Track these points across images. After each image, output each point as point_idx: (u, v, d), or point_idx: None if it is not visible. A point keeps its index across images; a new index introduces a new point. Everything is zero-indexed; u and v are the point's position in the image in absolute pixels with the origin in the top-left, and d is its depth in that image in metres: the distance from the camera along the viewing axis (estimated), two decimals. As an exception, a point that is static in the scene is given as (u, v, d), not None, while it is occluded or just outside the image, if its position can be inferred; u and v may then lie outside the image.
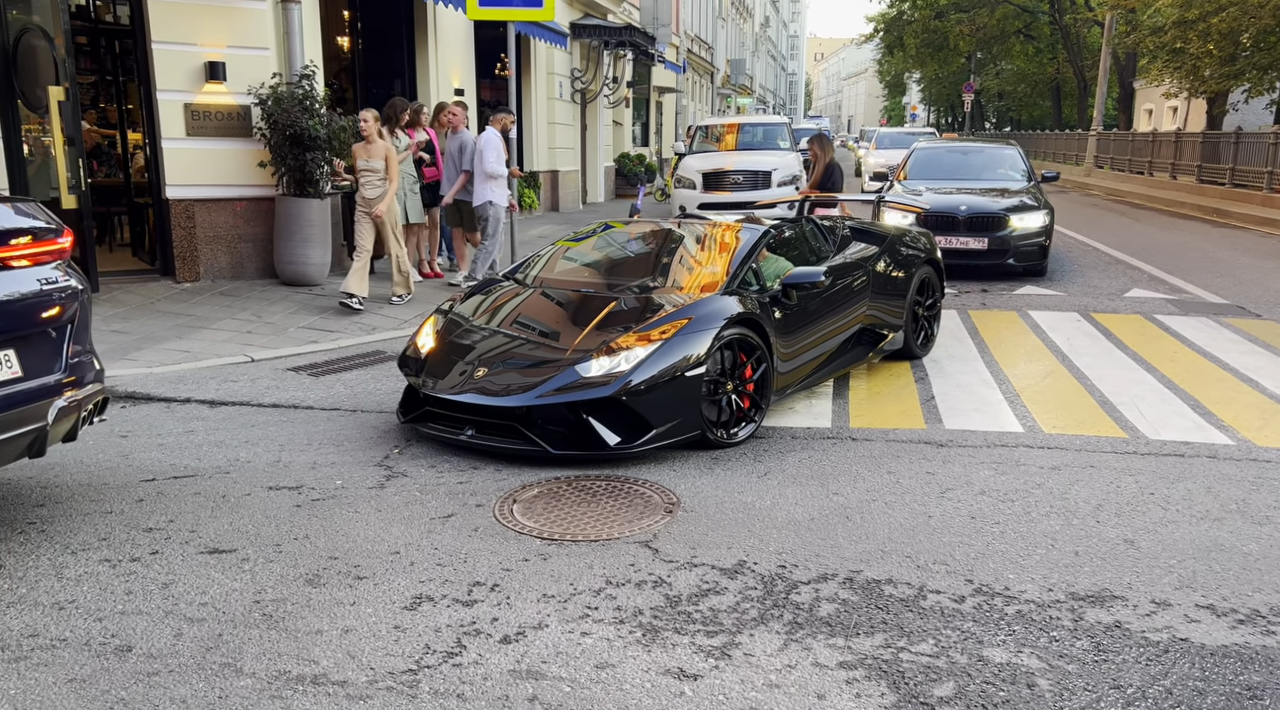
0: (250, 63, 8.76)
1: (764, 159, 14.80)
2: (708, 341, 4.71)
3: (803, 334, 5.44)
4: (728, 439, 4.87)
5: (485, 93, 15.39)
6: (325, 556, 3.65)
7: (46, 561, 3.56)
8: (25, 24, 7.83)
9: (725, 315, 4.84)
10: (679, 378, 4.62)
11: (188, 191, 8.72)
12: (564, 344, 4.85)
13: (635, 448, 4.56)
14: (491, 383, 4.71)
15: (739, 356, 4.93)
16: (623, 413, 4.56)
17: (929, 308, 6.82)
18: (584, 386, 4.55)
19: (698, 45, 35.01)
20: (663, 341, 4.66)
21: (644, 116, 27.11)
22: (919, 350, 6.69)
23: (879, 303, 6.19)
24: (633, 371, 4.55)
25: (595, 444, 4.56)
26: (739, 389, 4.95)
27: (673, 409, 4.63)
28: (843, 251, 6.35)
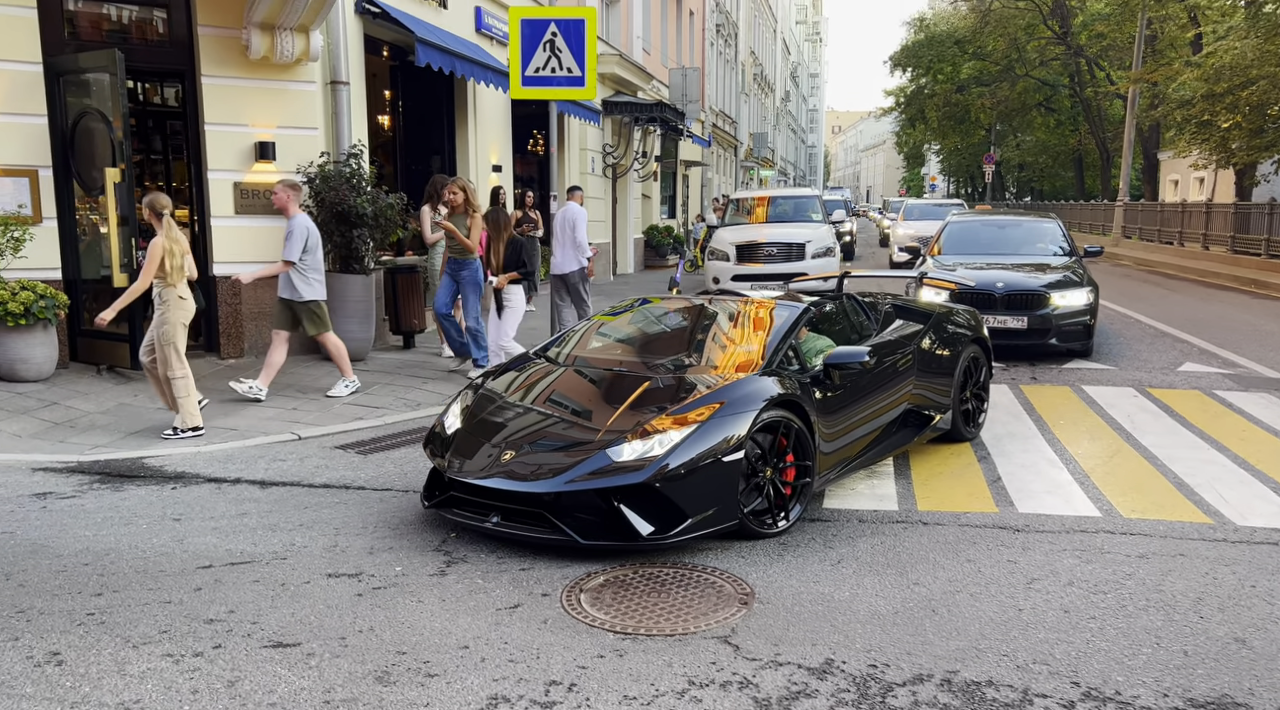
0: (299, 142, 8.90)
1: (798, 231, 14.85)
2: (746, 424, 4.48)
3: (846, 415, 5.21)
4: (768, 528, 4.63)
5: (518, 168, 15.61)
6: (393, 651, 3.51)
7: (108, 656, 3.44)
8: (84, 108, 8.01)
9: (764, 397, 4.63)
10: (716, 463, 4.37)
11: (235, 269, 8.76)
12: (596, 425, 4.63)
13: (670, 539, 4.28)
14: (519, 466, 4.48)
15: (779, 440, 4.69)
16: (656, 500, 4.30)
17: (978, 388, 6.58)
18: (616, 472, 4.29)
19: (722, 120, 35.60)
20: (699, 424, 4.43)
21: (671, 189, 27.44)
22: (968, 432, 6.42)
23: (925, 382, 5.97)
24: (667, 456, 4.30)
25: (627, 534, 4.28)
26: (779, 474, 4.71)
27: (709, 496, 4.38)
28: (885, 329, 6.14)
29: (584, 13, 9.54)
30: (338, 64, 9.25)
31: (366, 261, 8.97)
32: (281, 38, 8.44)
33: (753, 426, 4.51)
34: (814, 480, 4.88)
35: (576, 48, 9.42)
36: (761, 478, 4.63)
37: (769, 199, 17.40)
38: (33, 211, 7.94)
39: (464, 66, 10.78)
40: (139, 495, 5.40)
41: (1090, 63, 35.90)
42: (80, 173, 8.13)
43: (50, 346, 7.74)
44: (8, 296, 7.39)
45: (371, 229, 8.77)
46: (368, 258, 8.98)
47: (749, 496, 4.57)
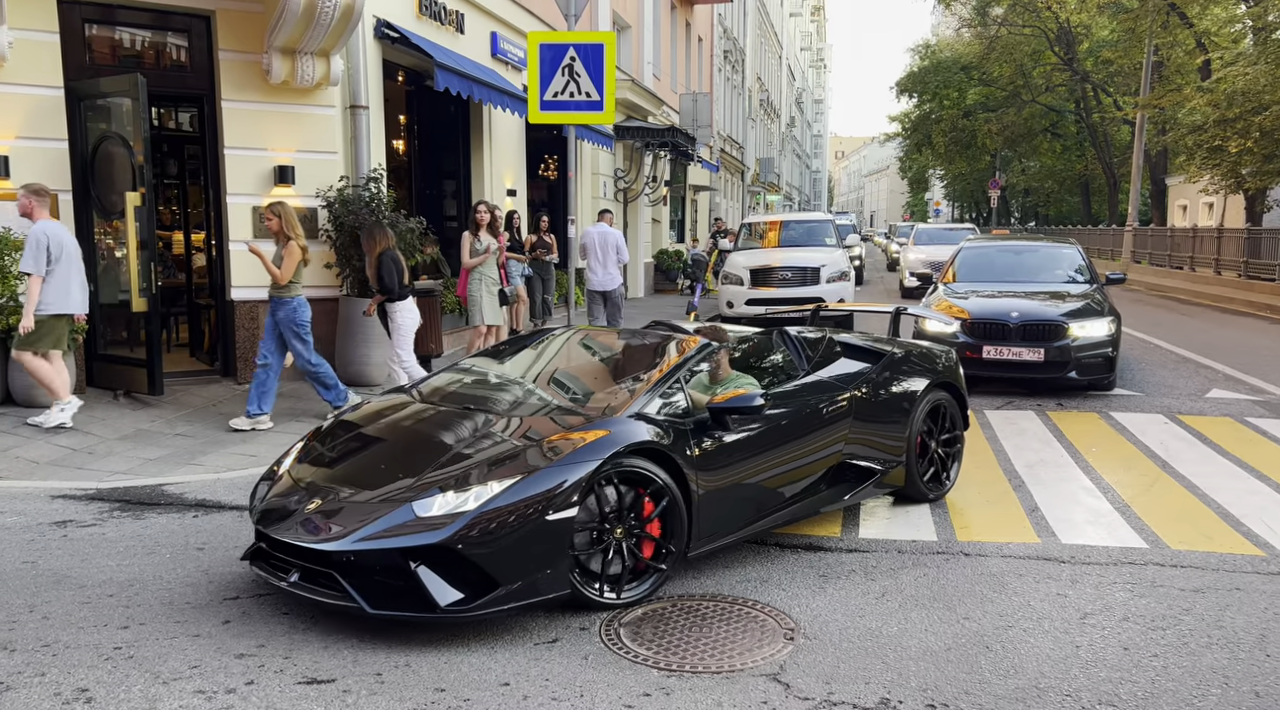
0: (318, 166, 8.87)
1: (813, 255, 14.79)
2: (582, 476, 3.83)
3: (744, 468, 4.51)
4: (616, 599, 3.99)
5: (530, 192, 15.60)
6: (431, 688, 3.39)
7: (139, 693, 3.32)
8: (104, 132, 7.98)
9: (617, 444, 3.97)
10: (537, 521, 3.73)
11: (252, 293, 8.72)
12: (417, 473, 4.00)
13: (473, 612, 3.67)
14: (319, 517, 3.89)
15: (638, 493, 4.08)
16: (460, 564, 3.69)
17: (945, 442, 5.71)
18: (415, 529, 3.67)
19: (730, 145, 35.71)
20: (523, 477, 3.81)
21: (680, 213, 27.46)
22: (926, 490, 5.54)
23: (866, 432, 5.18)
24: (478, 512, 3.68)
25: (423, 603, 3.66)
26: (636, 534, 4.07)
27: (529, 561, 3.73)
28: (820, 369, 5.35)
29: (603, 37, 9.55)
30: (357, 88, 9.24)
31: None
32: (302, 62, 8.43)
33: (594, 478, 3.89)
34: (688, 542, 4.22)
35: (595, 72, 9.42)
36: (609, 538, 4.00)
37: (782, 223, 17.37)
38: (52, 236, 7.87)
39: (481, 91, 10.77)
40: (160, 523, 5.29)
41: (1096, 88, 36.03)
42: (100, 197, 8.10)
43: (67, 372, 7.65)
44: (26, 321, 7.31)
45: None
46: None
47: (596, 559, 3.98)
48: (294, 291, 7.32)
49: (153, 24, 8.58)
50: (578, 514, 3.85)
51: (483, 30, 12.63)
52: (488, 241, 9.19)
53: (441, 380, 5.20)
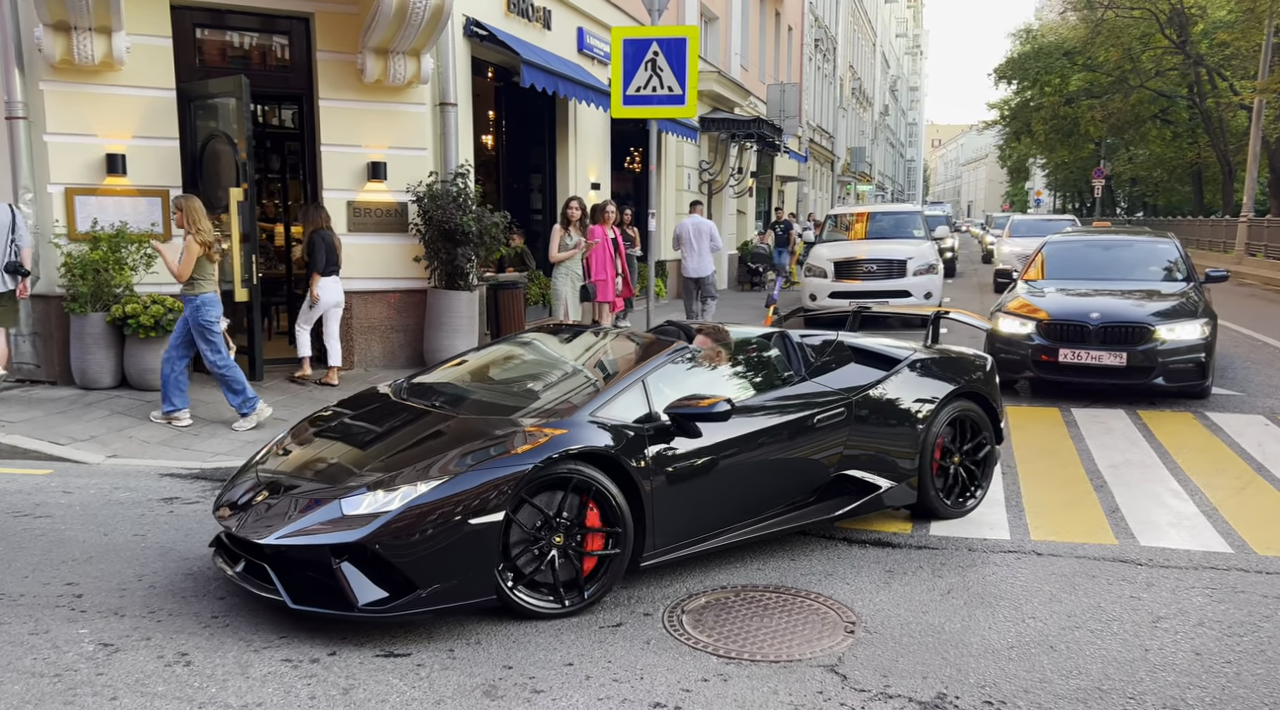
0: (409, 162, 9.19)
1: (899, 248, 14.56)
2: (509, 479, 3.74)
3: (710, 477, 4.33)
4: (544, 609, 3.89)
5: (615, 184, 15.77)
6: (500, 665, 3.56)
7: (232, 659, 3.58)
8: (212, 130, 8.44)
9: (553, 449, 3.85)
10: (460, 526, 3.66)
11: (347, 284, 9.08)
12: (359, 471, 4.00)
13: (390, 613, 3.64)
14: (264, 510, 3.96)
15: (584, 502, 3.97)
16: (379, 564, 3.67)
17: (970, 454, 5.31)
18: (339, 527, 3.68)
19: (819, 134, 35.28)
20: (449, 479, 3.74)
21: (766, 205, 27.30)
22: (942, 507, 5.17)
23: (868, 444, 4.89)
24: (398, 513, 3.64)
25: (342, 601, 3.67)
26: (577, 544, 3.98)
27: (449, 566, 3.67)
28: (819, 376, 5.06)
29: (686, 31, 9.60)
30: (447, 86, 9.52)
31: (470, 278, 9.18)
32: (394, 61, 8.73)
33: (526, 483, 3.79)
34: (628, 551, 4.04)
35: (678, 66, 9.48)
36: (548, 547, 3.90)
37: (869, 215, 17.14)
38: (163, 229, 8.39)
39: (566, 87, 10.95)
40: (257, 502, 5.61)
41: (1211, 72, 34.29)
42: (207, 192, 8.55)
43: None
44: (139, 310, 7.81)
45: (476, 246, 8.97)
46: (471, 275, 9.19)
47: (529, 565, 3.89)
48: (199, 289, 6.99)
49: (257, 26, 9.02)
50: (505, 518, 3.74)
51: (569, 26, 12.82)
52: (577, 237, 9.36)
53: (425, 377, 5.16)
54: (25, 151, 7.99)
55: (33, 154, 8.02)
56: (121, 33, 7.87)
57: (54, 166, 8.03)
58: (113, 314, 7.83)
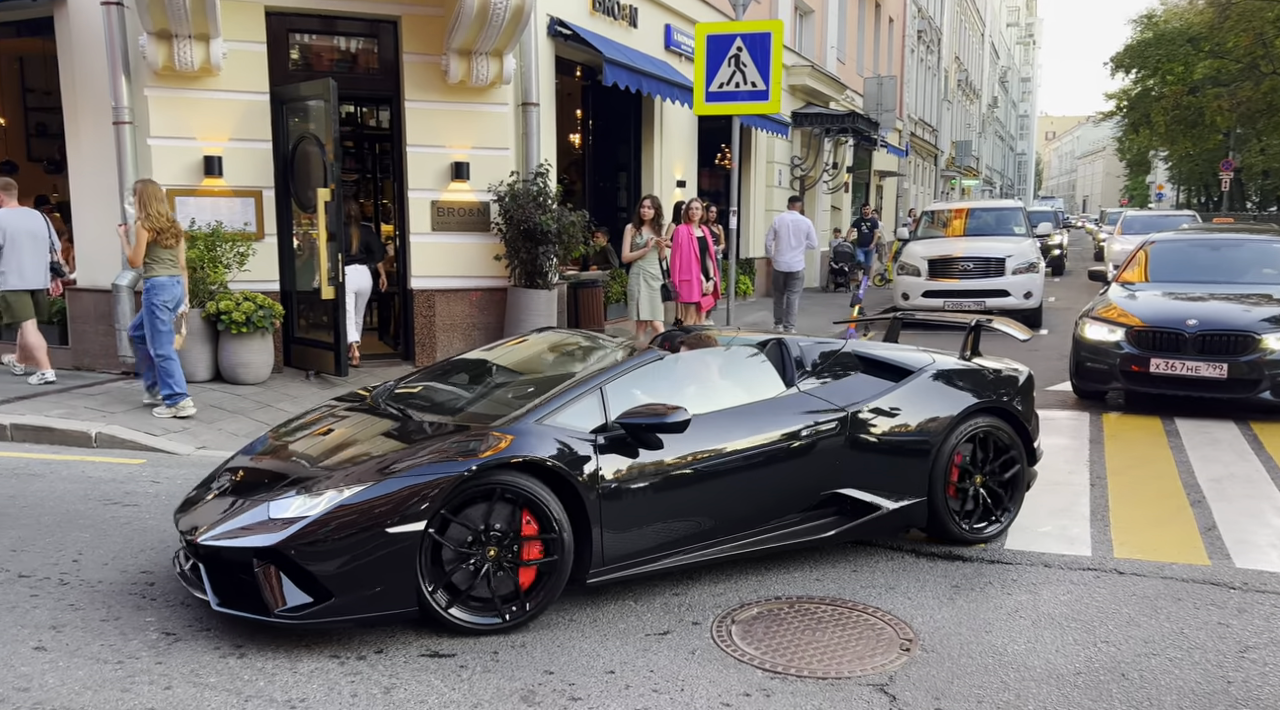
0: (491, 162, 9.30)
1: (997, 245, 14.02)
2: (432, 486, 3.62)
3: (670, 491, 4.09)
4: (472, 624, 3.75)
5: (704, 181, 15.66)
6: (541, 670, 3.53)
7: (284, 653, 3.65)
8: (303, 133, 8.70)
9: (483, 458, 3.73)
10: (376, 533, 3.56)
11: (430, 282, 9.28)
12: (301, 475, 3.96)
13: (306, 621, 3.58)
14: (213, 508, 3.93)
15: (518, 512, 3.79)
16: (297, 570, 3.59)
17: (995, 474, 4.86)
18: (262, 530, 3.63)
19: (921, 128, 34.34)
20: (371, 484, 3.66)
21: (863, 200, 26.72)
22: (958, 531, 4.75)
23: (866, 461, 4.55)
24: (317, 518, 3.57)
25: (259, 605, 3.62)
26: (511, 558, 3.79)
27: (366, 574, 3.57)
28: (811, 386, 4.69)
29: (771, 26, 9.46)
30: (529, 86, 9.59)
31: (550, 277, 9.24)
32: (477, 62, 8.84)
33: (450, 492, 3.65)
34: (565, 566, 3.85)
35: (761, 61, 9.35)
36: (481, 560, 3.75)
37: (967, 211, 16.56)
38: (256, 228, 8.71)
39: (650, 84, 10.91)
40: (329, 496, 5.74)
41: (1352, 56, 31.92)
42: (298, 193, 8.84)
43: (267, 353, 8.45)
44: (232, 306, 8.12)
45: (555, 245, 9.02)
46: (551, 273, 9.24)
47: (462, 577, 3.74)
48: (153, 272, 7.04)
49: (347, 30, 9.27)
50: (427, 527, 3.62)
51: (656, 23, 12.77)
52: (648, 236, 9.29)
53: (410, 380, 5.10)
54: (130, 154, 8.39)
55: (137, 157, 8.41)
56: (219, 39, 8.19)
57: (157, 168, 8.42)
58: (208, 310, 8.16)
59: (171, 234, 7.11)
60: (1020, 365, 5.39)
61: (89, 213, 8.84)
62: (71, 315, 8.92)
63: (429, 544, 3.67)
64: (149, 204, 7.04)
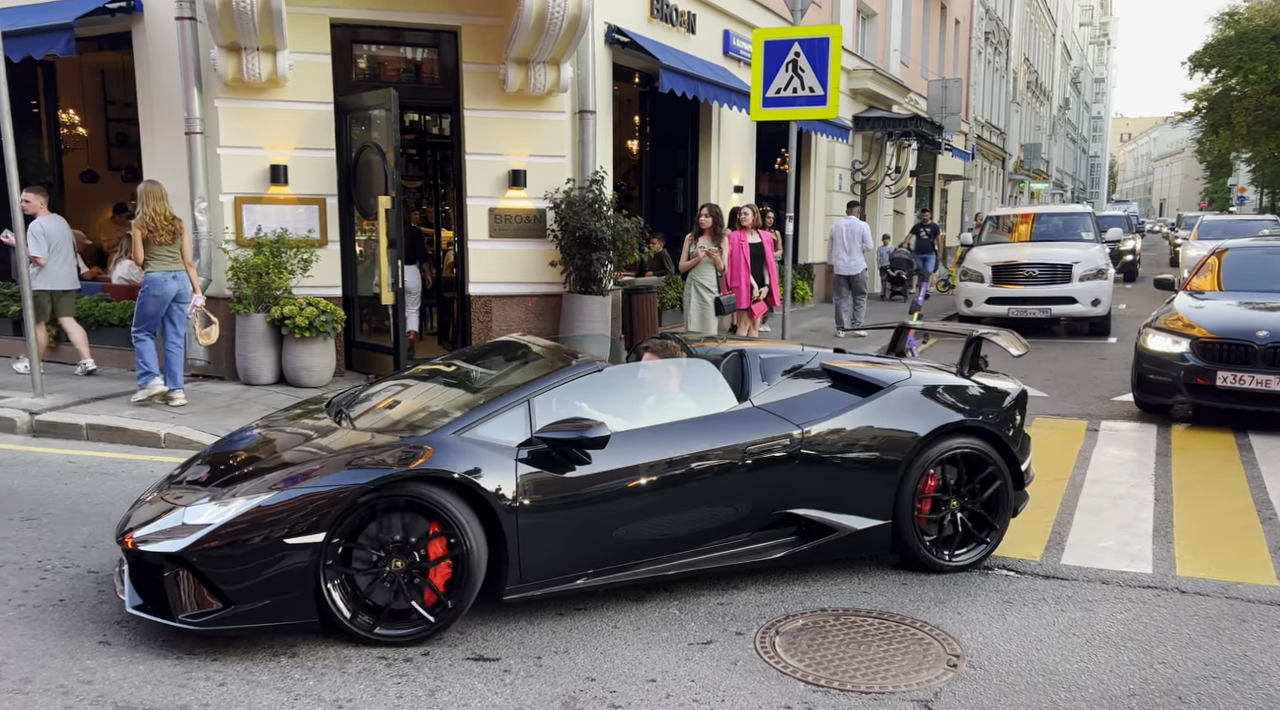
0: (548, 170, 9.39)
1: (1064, 251, 13.68)
2: (338, 497, 3.61)
3: (597, 507, 3.98)
4: (370, 634, 3.72)
5: (764, 186, 15.57)
6: (583, 676, 3.55)
7: (334, 653, 3.73)
8: (365, 141, 8.90)
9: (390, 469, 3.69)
10: (276, 544, 3.56)
11: (487, 288, 9.40)
12: (225, 483, 3.94)
13: (205, 627, 3.61)
14: (150, 508, 3.95)
15: (425, 524, 3.75)
16: (196, 577, 3.62)
17: (974, 498, 4.58)
18: (170, 536, 3.65)
19: (988, 131, 33.67)
20: (273, 494, 3.66)
21: (928, 205, 26.29)
22: (929, 559, 4.50)
23: (824, 481, 4.37)
24: (219, 526, 3.59)
25: (165, 610, 3.66)
26: (419, 570, 3.76)
27: (263, 583, 3.58)
28: (769, 403, 4.47)
29: (829, 31, 9.37)
30: (586, 93, 9.66)
31: (604, 283, 9.28)
32: (535, 71, 8.94)
33: (353, 506, 3.63)
34: (472, 580, 3.77)
35: (819, 66, 9.26)
36: (389, 571, 3.73)
37: (1033, 216, 16.19)
38: (320, 235, 8.93)
39: (707, 90, 10.90)
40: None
41: None
42: (360, 200, 9.04)
43: (329, 357, 8.65)
44: (295, 311, 8.34)
45: (609, 251, 9.06)
46: (605, 279, 9.29)
47: (377, 590, 3.73)
48: (149, 267, 7.48)
49: (409, 41, 9.45)
50: (330, 538, 3.62)
51: (715, 29, 12.76)
52: (700, 246, 9.24)
53: (367, 390, 5.04)
54: (201, 164, 8.67)
55: (207, 166, 8.70)
56: (285, 51, 8.41)
57: (225, 177, 8.69)
58: (272, 315, 8.39)
59: (167, 232, 7.47)
60: (1011, 383, 5.07)
61: (162, 220, 9.14)
62: (145, 319, 9.24)
63: (333, 555, 3.67)
64: (145, 203, 7.45)
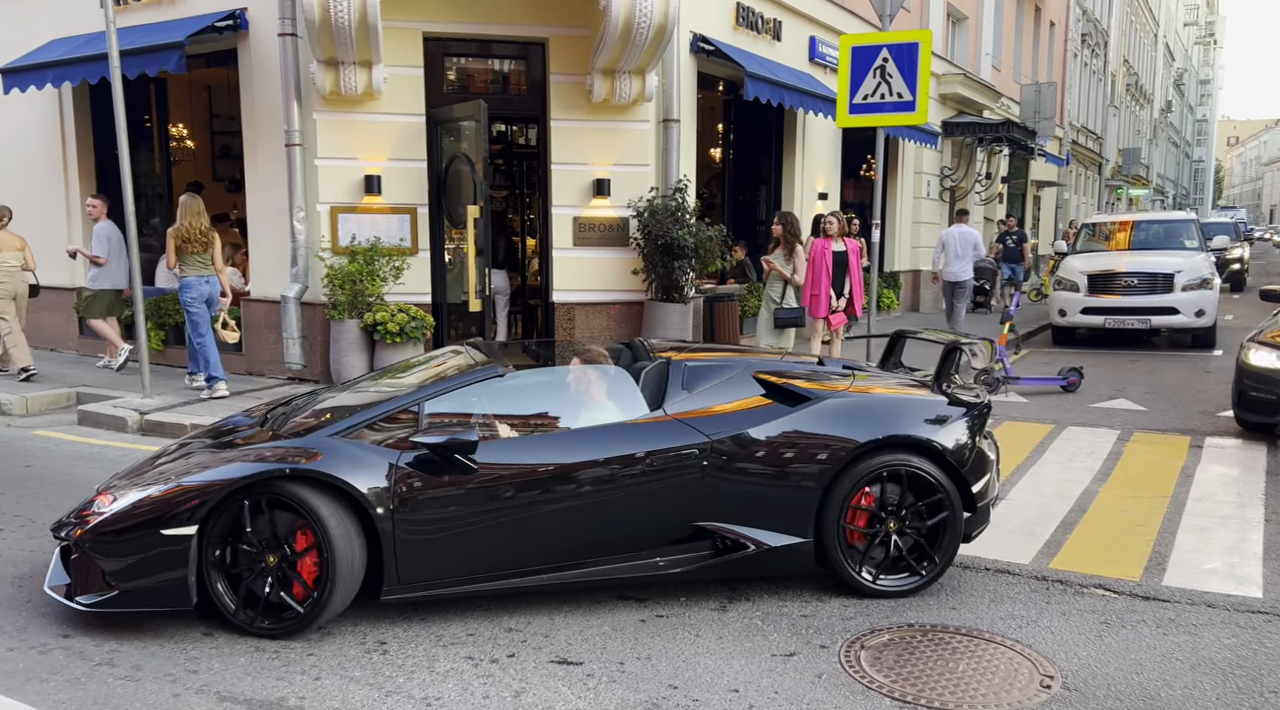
0: (632, 178, 9.46)
1: (1166, 260, 13.14)
2: (210, 494, 3.79)
3: (482, 518, 3.99)
4: (251, 627, 3.89)
5: (849, 193, 15.39)
6: (665, 684, 3.56)
7: (422, 651, 3.83)
8: (455, 152, 9.11)
9: (264, 468, 3.82)
10: (150, 534, 3.80)
11: (571, 295, 9.52)
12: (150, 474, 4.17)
13: (95, 608, 3.87)
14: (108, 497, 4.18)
15: (295, 522, 3.87)
16: (92, 561, 3.89)
17: (918, 518, 4.30)
18: (82, 520, 3.97)
19: (1084, 136, 32.61)
20: (161, 485, 3.92)
21: (1019, 212, 25.58)
22: (860, 579, 4.28)
23: (736, 495, 4.21)
24: (109, 515, 3.89)
25: (68, 591, 3.99)
26: (290, 567, 3.88)
27: (140, 570, 3.82)
28: (683, 413, 4.31)
29: (919, 36, 9.23)
30: (670, 102, 9.71)
31: (686, 291, 9.30)
32: (620, 80, 9.03)
33: (227, 501, 3.82)
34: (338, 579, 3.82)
35: (908, 71, 9.13)
36: (263, 566, 3.87)
37: (1132, 223, 15.59)
38: (411, 244, 9.17)
39: (793, 97, 10.85)
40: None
41: None
42: (449, 209, 9.25)
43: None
44: (387, 317, 8.57)
45: (692, 259, 9.08)
46: (687, 287, 9.30)
47: (259, 582, 3.90)
48: (184, 273, 8.20)
49: (498, 53, 9.65)
50: (200, 532, 3.81)
51: (801, 35, 12.69)
52: (775, 258, 9.13)
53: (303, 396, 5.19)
54: (300, 175, 9.00)
55: (306, 177, 9.02)
56: (380, 65, 8.68)
57: (323, 187, 9.00)
58: (365, 321, 8.64)
59: (200, 242, 8.20)
60: (972, 396, 4.71)
61: (263, 228, 9.54)
62: (245, 324, 9.63)
63: (215, 548, 3.87)
64: (184, 216, 8.22)
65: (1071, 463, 6.72)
